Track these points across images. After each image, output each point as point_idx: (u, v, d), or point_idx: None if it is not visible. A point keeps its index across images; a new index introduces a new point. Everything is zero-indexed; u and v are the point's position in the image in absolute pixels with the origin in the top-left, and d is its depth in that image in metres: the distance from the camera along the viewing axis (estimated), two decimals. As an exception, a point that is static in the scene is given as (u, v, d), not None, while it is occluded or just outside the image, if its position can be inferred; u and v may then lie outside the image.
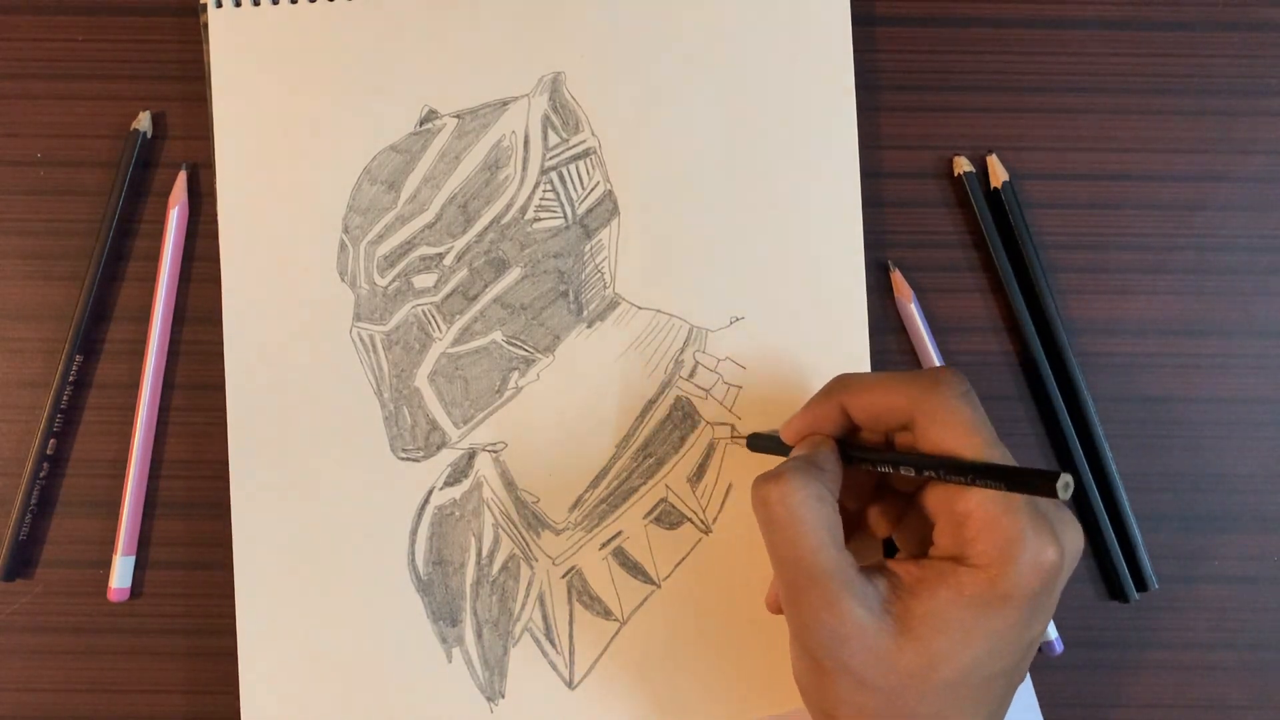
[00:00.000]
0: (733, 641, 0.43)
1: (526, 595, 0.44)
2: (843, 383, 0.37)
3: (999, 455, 0.34)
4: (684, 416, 0.44)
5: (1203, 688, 0.45)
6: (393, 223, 0.44)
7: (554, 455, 0.44)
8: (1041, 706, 0.44)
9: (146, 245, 0.45)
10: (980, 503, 0.33)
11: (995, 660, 0.34)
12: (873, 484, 0.40)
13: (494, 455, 0.44)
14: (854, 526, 0.39)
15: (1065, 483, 0.30)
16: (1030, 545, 0.33)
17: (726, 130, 0.45)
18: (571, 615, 0.44)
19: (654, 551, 0.44)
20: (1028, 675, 0.44)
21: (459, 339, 0.44)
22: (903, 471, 0.35)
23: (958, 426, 0.34)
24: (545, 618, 0.44)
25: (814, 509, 0.34)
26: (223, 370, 0.44)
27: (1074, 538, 0.35)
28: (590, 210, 0.45)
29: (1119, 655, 0.45)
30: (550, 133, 0.45)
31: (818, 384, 0.44)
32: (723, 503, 0.44)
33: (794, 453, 0.38)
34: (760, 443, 0.42)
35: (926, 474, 0.35)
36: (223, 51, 0.45)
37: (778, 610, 0.39)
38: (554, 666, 0.44)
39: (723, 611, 0.44)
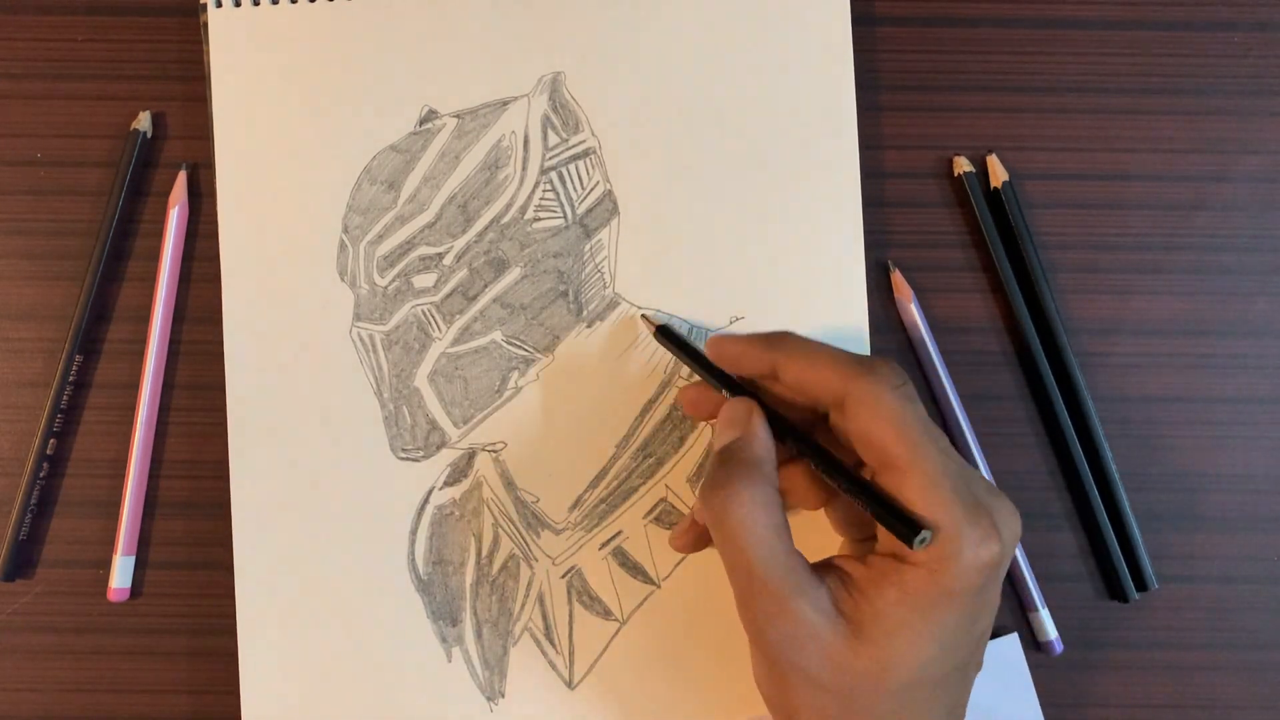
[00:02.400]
0: (732, 641, 0.43)
1: (526, 595, 0.44)
2: (784, 342, 0.37)
3: (930, 450, 0.33)
4: (684, 416, 0.44)
5: (1202, 688, 0.45)
6: (392, 223, 0.44)
7: (554, 455, 0.44)
8: (1041, 706, 0.44)
9: (146, 245, 0.45)
10: (913, 500, 0.33)
11: (947, 658, 0.33)
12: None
13: (494, 455, 0.44)
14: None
15: (922, 538, 0.32)
16: (968, 541, 0.32)
17: (726, 130, 0.45)
18: (571, 615, 0.44)
19: (654, 551, 0.44)
20: (1029, 675, 0.44)
21: (459, 339, 0.44)
22: (808, 460, 0.36)
23: (887, 418, 0.34)
24: (545, 618, 0.44)
25: (760, 516, 0.34)
26: (223, 370, 0.44)
27: (1012, 524, 0.35)
28: (590, 210, 0.45)
29: (1119, 655, 0.45)
30: (550, 133, 0.45)
31: (818, 384, 0.44)
32: (722, 503, 0.44)
33: (723, 431, 0.37)
34: (672, 337, 0.42)
35: (820, 469, 0.36)
36: (223, 51, 0.45)
37: (683, 549, 0.39)
38: (554, 666, 0.44)
39: (723, 611, 0.44)
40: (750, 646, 0.36)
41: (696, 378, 0.41)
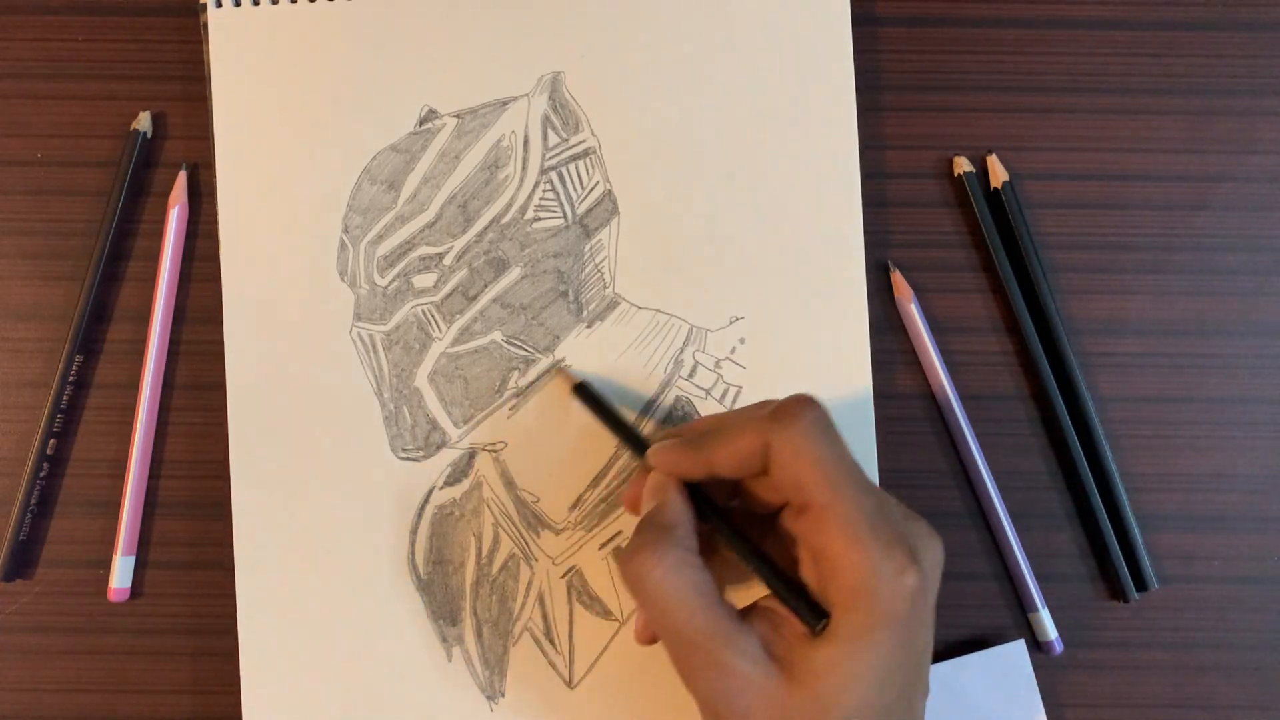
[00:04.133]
0: (733, 641, 0.43)
1: (526, 595, 0.44)
2: (703, 435, 0.37)
3: (846, 489, 0.34)
4: (684, 416, 0.44)
5: (1203, 688, 0.45)
6: (392, 222, 0.44)
7: (554, 455, 0.44)
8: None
9: (146, 245, 0.45)
10: (832, 538, 0.33)
11: (886, 689, 0.33)
12: (730, 494, 0.39)
13: (494, 455, 0.44)
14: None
15: (823, 625, 0.34)
16: (885, 575, 0.33)
17: (726, 130, 0.45)
18: (571, 615, 0.44)
19: (654, 551, 0.44)
20: (1035, 683, 0.44)
21: (459, 339, 0.44)
22: (718, 531, 0.37)
23: (805, 461, 0.34)
24: (545, 617, 0.44)
25: (676, 579, 0.34)
26: (223, 370, 0.44)
27: (932, 549, 0.35)
28: (590, 210, 0.45)
29: (1119, 655, 0.45)
30: (550, 132, 0.45)
31: (817, 384, 0.44)
32: (723, 503, 0.44)
33: (645, 504, 0.38)
34: (588, 397, 0.42)
35: (732, 549, 0.37)
36: (223, 51, 0.45)
37: (648, 641, 0.39)
38: (554, 666, 0.44)
39: (723, 611, 0.44)
40: (695, 702, 0.35)
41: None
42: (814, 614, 0.34)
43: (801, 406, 0.35)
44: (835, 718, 0.33)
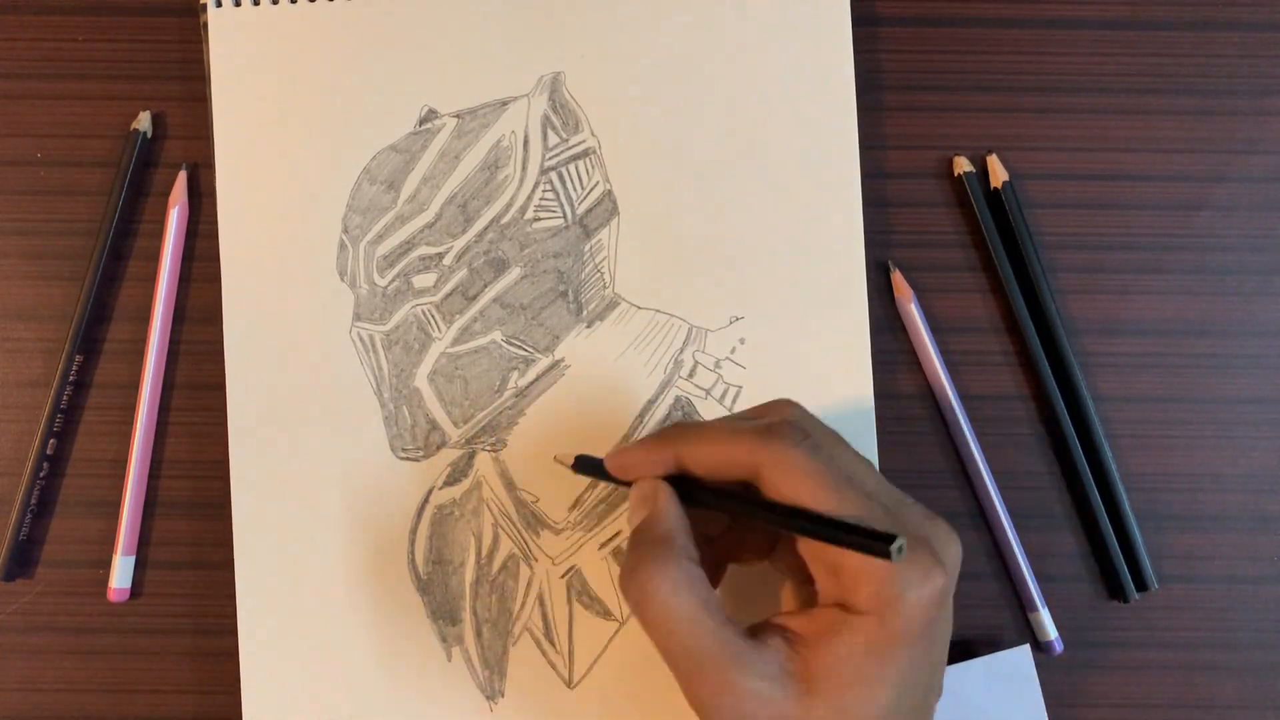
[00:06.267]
0: (732, 641, 0.43)
1: (526, 595, 0.44)
2: (681, 432, 0.36)
3: (853, 498, 0.33)
4: (683, 416, 0.44)
5: (1203, 688, 0.45)
6: (392, 222, 0.44)
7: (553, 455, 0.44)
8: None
9: (146, 245, 0.45)
10: (849, 552, 0.32)
11: (907, 696, 0.33)
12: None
13: (493, 455, 0.44)
14: (727, 552, 0.38)
15: (899, 546, 0.30)
16: (912, 580, 0.32)
17: (726, 130, 0.45)
18: (571, 615, 0.44)
19: (654, 551, 0.44)
20: (1039, 688, 0.43)
21: (458, 339, 0.44)
22: (738, 516, 0.35)
23: (802, 479, 0.33)
24: (545, 617, 0.44)
25: (680, 595, 0.33)
26: (223, 370, 0.44)
27: (951, 549, 0.34)
28: (590, 210, 0.45)
29: (1119, 655, 0.45)
30: (550, 133, 0.45)
31: (817, 384, 0.44)
32: (722, 503, 0.44)
33: (633, 513, 0.36)
34: (588, 466, 0.39)
35: (761, 521, 0.34)
36: (223, 51, 0.45)
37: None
38: (553, 666, 0.44)
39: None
40: None
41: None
42: (885, 541, 0.30)
43: (788, 428, 0.34)
44: None
